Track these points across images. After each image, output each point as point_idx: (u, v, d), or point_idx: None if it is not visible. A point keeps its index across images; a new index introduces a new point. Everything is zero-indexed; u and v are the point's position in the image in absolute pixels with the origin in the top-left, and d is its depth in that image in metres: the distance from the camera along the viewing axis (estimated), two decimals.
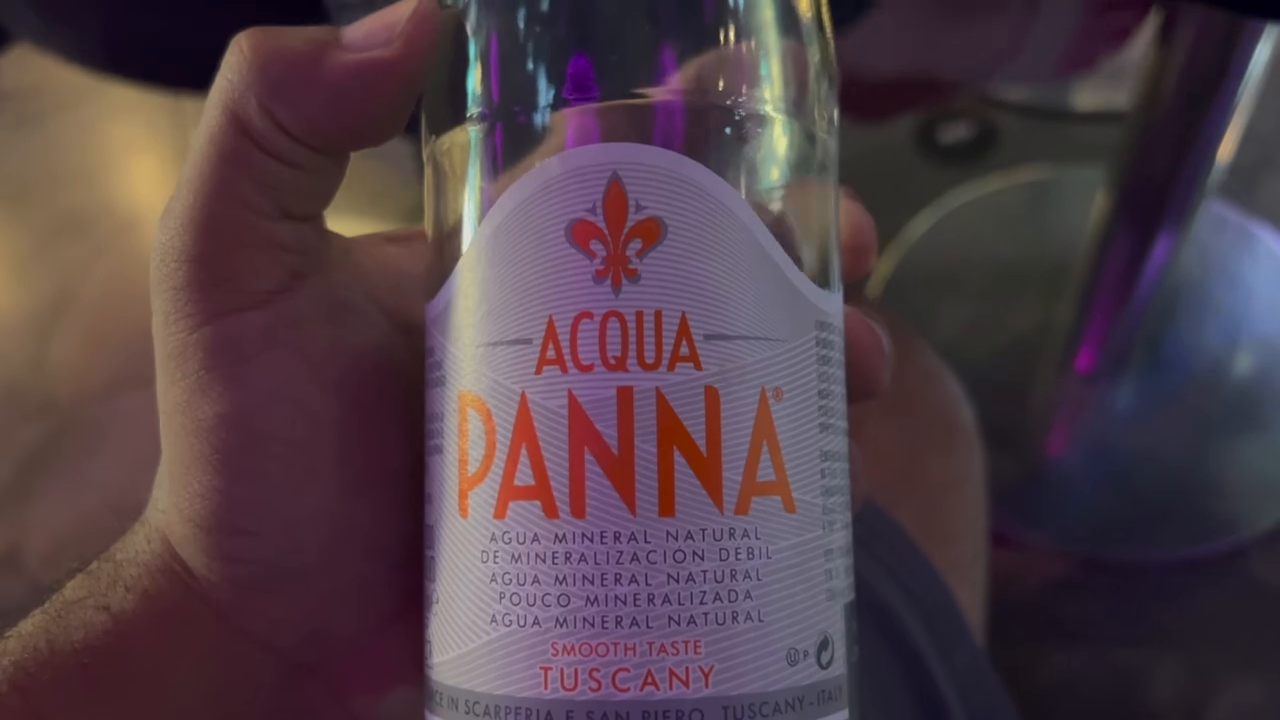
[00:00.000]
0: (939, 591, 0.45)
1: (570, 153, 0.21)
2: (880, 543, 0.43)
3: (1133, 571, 0.90)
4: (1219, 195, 1.02)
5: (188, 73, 0.73)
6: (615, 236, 0.20)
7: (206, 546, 0.23)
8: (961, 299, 1.02)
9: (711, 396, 0.20)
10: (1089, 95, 1.13)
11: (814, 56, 0.23)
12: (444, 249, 0.23)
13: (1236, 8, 0.57)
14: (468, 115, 0.22)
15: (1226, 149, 0.77)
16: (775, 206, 0.22)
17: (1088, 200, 0.91)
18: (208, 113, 0.22)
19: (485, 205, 0.21)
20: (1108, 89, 1.11)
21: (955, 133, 1.13)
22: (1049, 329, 0.98)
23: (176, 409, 0.23)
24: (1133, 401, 0.96)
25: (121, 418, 1.04)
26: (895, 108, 0.89)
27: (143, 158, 1.28)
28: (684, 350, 0.20)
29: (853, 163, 0.26)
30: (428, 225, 0.24)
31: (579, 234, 0.20)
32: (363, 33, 0.22)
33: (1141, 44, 0.79)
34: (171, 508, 0.23)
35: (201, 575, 0.24)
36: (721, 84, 0.21)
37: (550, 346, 0.20)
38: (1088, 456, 0.96)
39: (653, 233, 0.20)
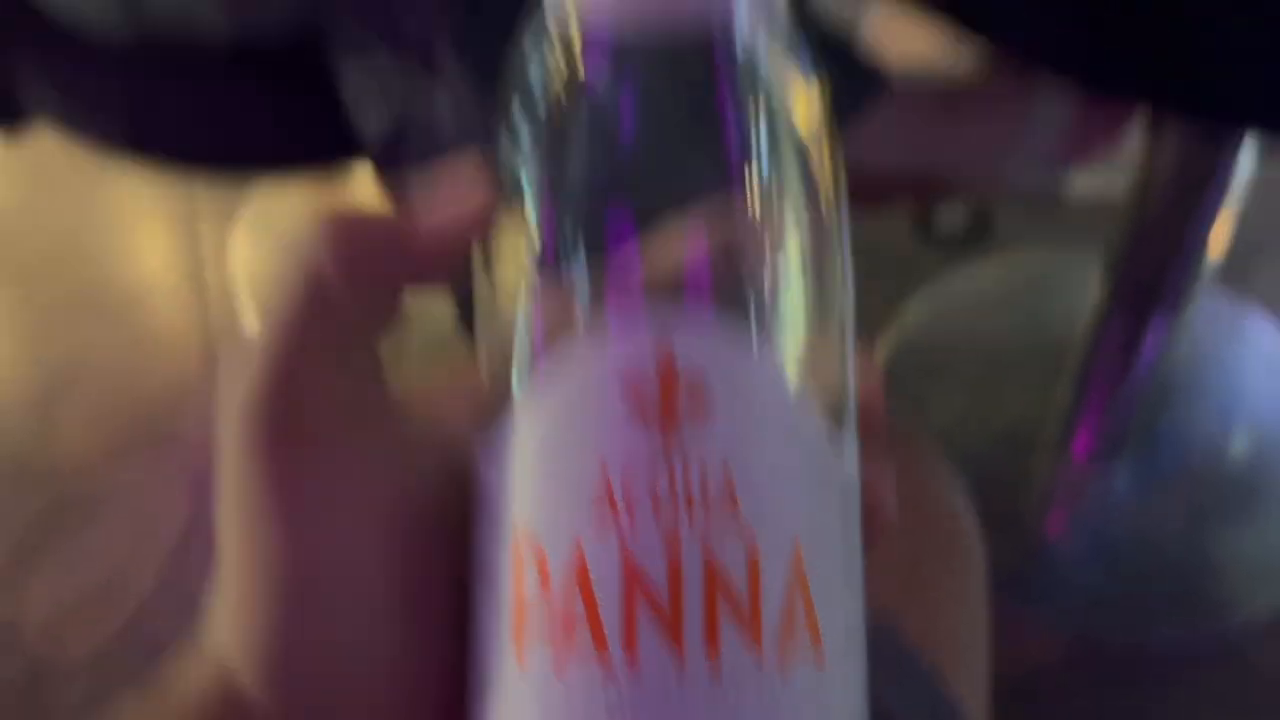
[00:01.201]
0: (939, 700, 0.45)
1: (616, 311, 0.22)
2: (880, 651, 0.44)
3: (1129, 654, 0.90)
4: (1212, 282, 1.04)
5: (207, 157, 0.75)
6: (667, 398, 0.21)
7: (262, 679, 0.24)
8: (957, 384, 1.03)
9: (751, 549, 0.21)
10: (1085, 182, 1.15)
11: (832, 223, 0.24)
12: (496, 385, 0.24)
13: (1222, 119, 0.58)
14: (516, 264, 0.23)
15: (1219, 236, 0.78)
16: (801, 361, 0.23)
17: (1083, 287, 0.92)
18: (286, 273, 0.24)
19: (535, 354, 0.23)
20: (1104, 175, 1.12)
21: (951, 219, 1.15)
22: (1045, 414, 0.99)
23: (237, 542, 0.24)
24: (1129, 485, 0.97)
25: (123, 492, 1.04)
26: (893, 198, 0.90)
27: (151, 233, 1.29)
28: (728, 502, 0.21)
29: None
30: (480, 354, 0.25)
31: (632, 395, 0.21)
32: (435, 224, 0.24)
33: (1136, 135, 0.80)
34: (228, 638, 0.24)
35: (257, 706, 0.24)
36: (748, 246, 0.22)
37: (604, 495, 0.21)
38: (1084, 540, 0.96)
39: (698, 393, 0.21)
